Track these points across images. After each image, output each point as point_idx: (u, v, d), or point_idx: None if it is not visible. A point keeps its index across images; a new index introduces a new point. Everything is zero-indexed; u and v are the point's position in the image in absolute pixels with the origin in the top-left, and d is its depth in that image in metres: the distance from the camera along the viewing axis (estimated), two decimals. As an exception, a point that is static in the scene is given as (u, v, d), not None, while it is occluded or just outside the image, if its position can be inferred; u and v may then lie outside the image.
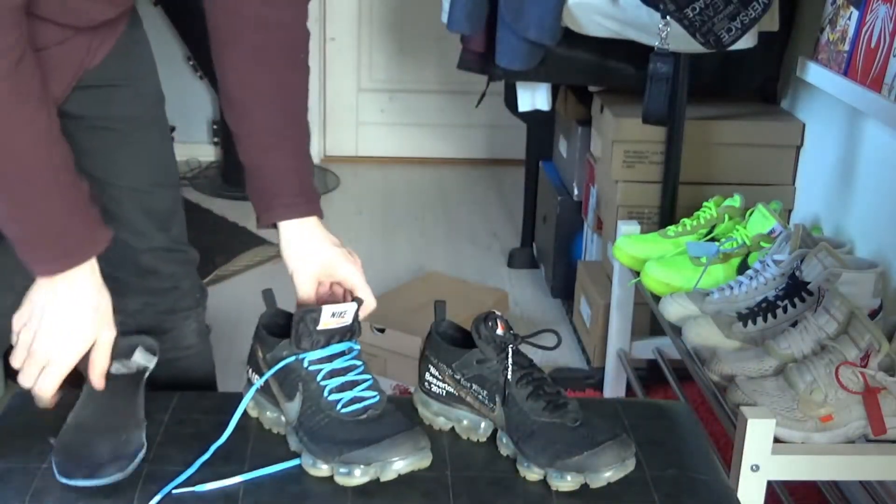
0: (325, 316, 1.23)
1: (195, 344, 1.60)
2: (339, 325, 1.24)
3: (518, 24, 2.25)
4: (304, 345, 1.24)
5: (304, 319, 1.23)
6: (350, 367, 1.24)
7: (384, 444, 1.17)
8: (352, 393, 1.22)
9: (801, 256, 1.75)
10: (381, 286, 3.02)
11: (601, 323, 2.44)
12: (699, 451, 1.31)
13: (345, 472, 1.16)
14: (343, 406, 1.21)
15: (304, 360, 1.23)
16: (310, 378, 1.22)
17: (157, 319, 1.54)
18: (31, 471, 1.19)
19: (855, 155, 2.15)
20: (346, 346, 1.26)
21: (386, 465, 1.16)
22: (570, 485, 1.18)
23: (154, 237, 1.49)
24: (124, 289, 1.52)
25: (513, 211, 3.69)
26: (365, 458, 1.16)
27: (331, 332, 1.24)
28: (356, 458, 1.16)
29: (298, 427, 1.22)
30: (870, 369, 1.47)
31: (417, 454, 1.18)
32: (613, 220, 2.43)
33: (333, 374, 1.23)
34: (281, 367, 1.25)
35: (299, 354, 1.24)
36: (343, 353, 1.25)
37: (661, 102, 2.07)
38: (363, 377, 1.24)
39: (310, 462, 1.19)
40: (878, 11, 1.96)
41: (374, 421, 1.20)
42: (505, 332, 1.26)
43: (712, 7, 1.94)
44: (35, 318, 1.21)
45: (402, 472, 1.17)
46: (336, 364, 1.24)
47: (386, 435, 1.18)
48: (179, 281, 1.54)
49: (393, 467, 1.16)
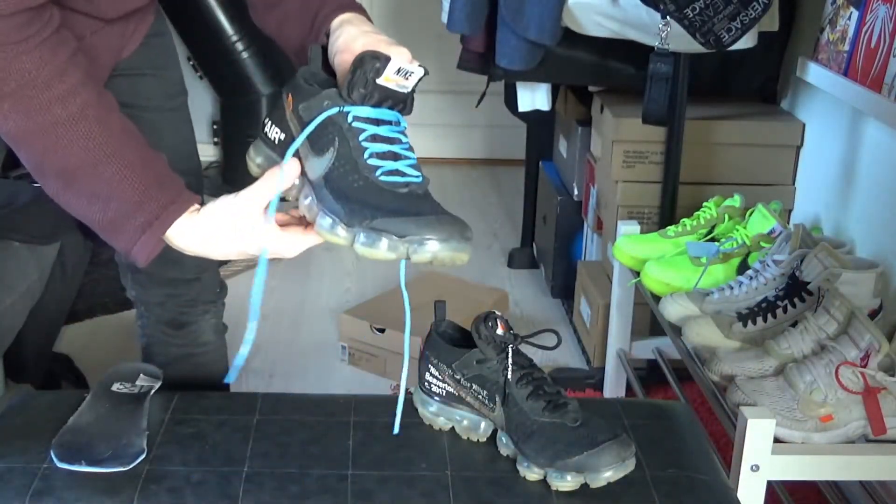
0: (390, 69, 1.03)
1: (212, 341, 1.62)
2: (399, 87, 1.06)
3: (518, 24, 2.25)
4: (355, 96, 1.04)
5: (365, 66, 1.03)
6: (396, 139, 1.07)
7: (424, 219, 1.01)
8: (395, 164, 1.05)
9: (801, 256, 1.75)
10: (381, 286, 3.02)
11: (601, 323, 2.44)
12: (699, 451, 1.31)
13: (367, 241, 1.01)
14: (384, 174, 1.04)
15: (350, 114, 1.05)
16: (351, 135, 1.05)
17: (177, 312, 1.57)
18: (31, 471, 1.19)
19: (855, 155, 2.15)
20: (395, 116, 1.08)
21: (421, 244, 1.00)
22: (569, 485, 1.18)
23: None
24: (147, 280, 1.55)
25: (513, 211, 3.69)
26: (399, 228, 1.00)
27: (388, 92, 1.05)
28: (389, 226, 1.00)
29: (323, 183, 1.05)
30: (870, 369, 1.47)
31: (459, 241, 1.02)
32: (613, 220, 2.43)
33: (377, 140, 1.06)
34: (320, 122, 1.05)
35: (345, 106, 1.05)
36: (390, 122, 1.07)
37: (661, 102, 2.07)
38: (408, 154, 1.08)
39: (327, 225, 1.03)
40: (878, 11, 1.96)
41: (416, 197, 1.04)
42: (505, 332, 1.26)
43: (712, 7, 1.94)
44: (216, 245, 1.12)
45: (438, 255, 1.01)
46: (383, 130, 1.06)
47: (426, 212, 1.02)
48: (201, 273, 1.56)
49: (427, 247, 1.00)
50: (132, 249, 1.11)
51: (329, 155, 1.05)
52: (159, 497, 1.16)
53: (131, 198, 1.09)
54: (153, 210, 1.09)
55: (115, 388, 1.32)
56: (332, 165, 1.05)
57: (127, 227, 1.10)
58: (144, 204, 1.09)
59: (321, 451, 1.26)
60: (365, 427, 1.31)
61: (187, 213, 1.11)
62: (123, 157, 1.09)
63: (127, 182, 1.09)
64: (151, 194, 1.09)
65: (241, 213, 1.09)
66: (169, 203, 1.10)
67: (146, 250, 1.11)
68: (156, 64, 1.45)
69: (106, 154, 1.08)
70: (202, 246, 1.12)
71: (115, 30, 1.33)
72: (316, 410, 1.35)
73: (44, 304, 2.06)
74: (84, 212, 1.11)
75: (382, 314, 2.60)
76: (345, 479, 1.20)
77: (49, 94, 1.05)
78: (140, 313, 1.61)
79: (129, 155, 1.10)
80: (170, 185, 1.12)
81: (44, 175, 1.11)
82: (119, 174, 1.08)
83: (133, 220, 1.09)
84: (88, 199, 1.10)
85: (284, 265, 3.22)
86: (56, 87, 1.05)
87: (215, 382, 1.64)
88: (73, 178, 1.09)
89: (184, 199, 1.12)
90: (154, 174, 1.11)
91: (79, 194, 1.10)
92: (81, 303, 2.70)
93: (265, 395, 1.41)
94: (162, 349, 1.60)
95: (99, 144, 1.08)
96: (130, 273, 1.56)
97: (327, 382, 2.55)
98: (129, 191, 1.09)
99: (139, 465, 1.19)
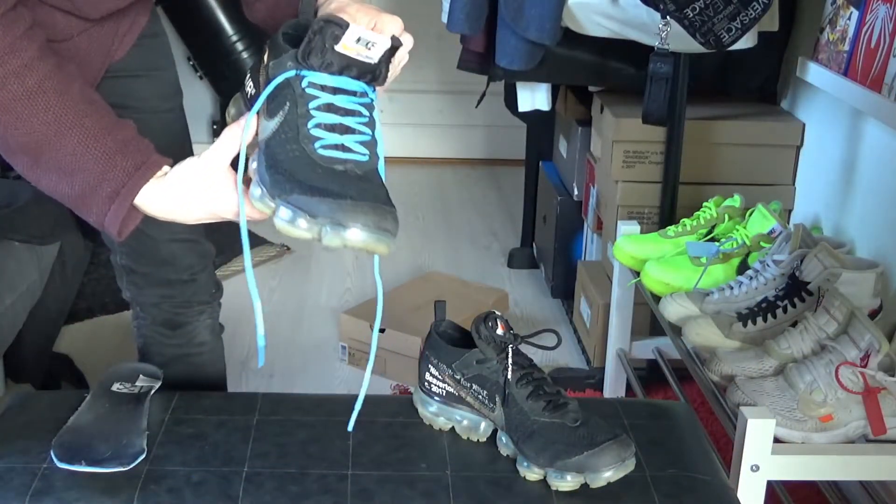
0: (349, 36, 0.99)
1: (208, 341, 1.62)
2: (361, 57, 1.01)
3: (518, 25, 2.25)
4: (313, 61, 1.01)
5: (323, 31, 0.99)
6: (355, 111, 1.03)
7: (341, 202, 0.97)
8: (341, 138, 1.01)
9: (801, 256, 1.75)
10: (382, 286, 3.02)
11: (601, 323, 2.44)
12: (699, 451, 1.31)
13: (285, 217, 0.98)
14: (323, 147, 1.01)
15: (305, 78, 1.02)
16: (302, 101, 1.02)
17: (173, 313, 1.57)
18: (31, 471, 1.19)
19: (855, 155, 2.15)
20: (359, 86, 1.04)
21: (333, 228, 0.96)
22: (569, 485, 1.18)
23: (174, 226, 1.50)
24: (142, 281, 1.55)
25: (513, 211, 3.69)
26: (312, 208, 0.96)
27: (349, 60, 1.01)
28: (302, 204, 0.96)
29: (264, 148, 1.03)
30: (870, 369, 1.47)
31: (374, 231, 0.97)
32: (613, 220, 2.43)
33: (331, 109, 1.02)
34: (278, 83, 1.03)
35: (302, 70, 1.02)
36: (354, 93, 1.03)
37: (661, 102, 2.07)
38: (363, 130, 1.03)
39: (257, 195, 1.01)
40: (878, 11, 1.96)
41: (349, 177, 1.00)
42: (505, 332, 1.26)
43: (712, 7, 1.94)
44: (189, 210, 1.10)
45: (350, 242, 0.97)
46: (339, 100, 1.02)
47: (352, 196, 0.97)
48: (197, 274, 1.56)
49: (340, 233, 0.96)
50: (104, 222, 1.09)
51: (277, 119, 1.02)
52: (159, 497, 1.16)
53: (95, 168, 1.07)
54: (118, 178, 1.07)
55: (115, 388, 1.32)
56: (277, 130, 1.02)
57: (95, 200, 1.08)
58: (108, 173, 1.07)
59: (321, 451, 1.26)
60: (365, 427, 1.31)
61: (155, 178, 1.09)
62: (84, 128, 1.08)
63: (90, 153, 1.07)
64: (115, 162, 1.07)
65: (207, 170, 1.07)
66: (133, 170, 1.08)
67: (117, 221, 1.09)
68: (150, 65, 1.44)
69: (66, 126, 1.07)
70: (174, 211, 1.10)
71: (104, 30, 1.32)
72: (316, 410, 1.35)
73: (44, 304, 2.06)
74: (54, 187, 1.10)
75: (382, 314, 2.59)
76: (345, 479, 1.20)
77: (3, 69, 1.04)
78: (136, 314, 1.61)
79: (90, 125, 1.08)
80: (134, 150, 1.09)
81: (12, 152, 1.10)
82: (81, 144, 1.07)
83: (99, 190, 1.08)
84: (56, 174, 1.09)
85: (284, 265, 3.22)
86: (10, 63, 1.05)
87: (213, 382, 1.64)
88: (38, 153, 1.08)
89: (150, 163, 1.09)
90: (117, 141, 1.09)
91: (46, 169, 1.09)
92: (81, 303, 2.70)
93: (265, 395, 1.41)
94: (158, 350, 1.60)
95: (58, 117, 1.07)
96: (126, 274, 1.56)
97: (327, 382, 2.55)
98: (92, 161, 1.07)
99: (139, 465, 1.19)
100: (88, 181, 1.08)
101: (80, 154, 1.07)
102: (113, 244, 1.54)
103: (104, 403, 1.29)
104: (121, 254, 1.54)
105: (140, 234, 1.49)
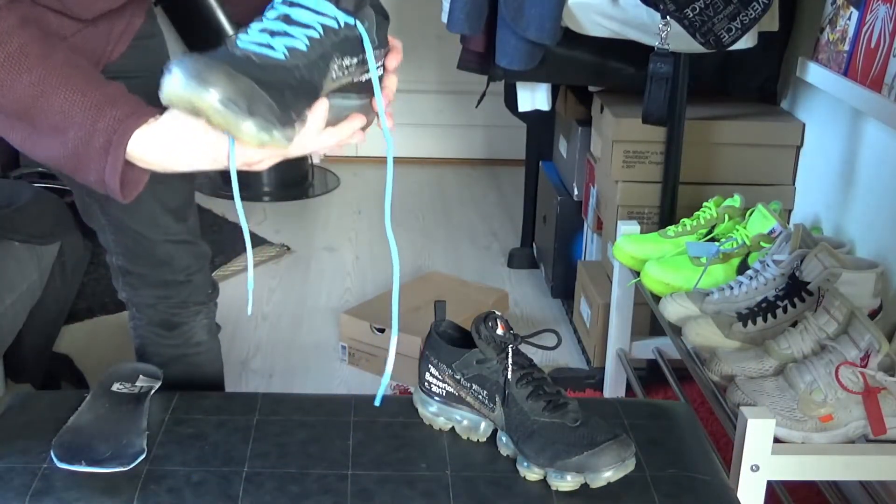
0: None
1: (205, 341, 1.62)
2: None
3: (518, 25, 2.25)
4: None
5: None
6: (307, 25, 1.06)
7: (219, 67, 1.00)
8: (270, 39, 1.05)
9: (801, 256, 1.75)
10: (382, 286, 3.03)
11: (601, 323, 2.44)
12: (699, 451, 1.31)
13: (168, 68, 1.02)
14: (249, 42, 1.05)
15: None
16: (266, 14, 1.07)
17: (169, 314, 1.57)
18: (31, 471, 1.19)
19: (855, 155, 2.15)
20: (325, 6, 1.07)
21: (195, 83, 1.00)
22: (569, 485, 1.18)
23: (170, 227, 1.51)
24: (139, 282, 1.55)
25: (513, 211, 3.69)
26: (192, 65, 1.00)
27: None
28: (189, 61, 1.00)
29: None
30: (870, 369, 1.47)
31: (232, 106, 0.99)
32: (613, 220, 2.43)
33: (283, 20, 1.06)
34: None
35: None
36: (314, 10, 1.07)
37: (661, 102, 2.07)
38: (301, 37, 1.05)
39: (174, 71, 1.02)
40: (878, 11, 1.96)
41: (250, 62, 1.02)
42: (505, 332, 1.26)
43: (712, 7, 1.94)
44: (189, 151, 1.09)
45: (205, 103, 0.99)
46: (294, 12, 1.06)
47: (236, 69, 1.00)
48: (193, 275, 1.56)
49: (204, 93, 0.99)
50: (105, 179, 1.08)
51: None
52: (159, 497, 1.16)
53: (84, 121, 1.06)
54: (109, 126, 1.06)
55: (115, 388, 1.32)
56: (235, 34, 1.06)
57: (90, 154, 1.07)
58: (98, 123, 1.06)
59: (321, 451, 1.26)
60: (365, 427, 1.31)
61: (146, 124, 1.07)
62: (71, 86, 1.07)
63: (78, 107, 1.06)
64: (104, 112, 1.06)
65: None
66: (124, 117, 1.07)
67: (116, 176, 1.07)
68: (146, 67, 1.41)
69: (52, 86, 1.06)
70: (168, 156, 1.08)
71: (98, 31, 1.32)
72: (316, 410, 1.35)
73: (44, 304, 2.06)
74: (51, 153, 1.09)
75: (382, 314, 2.60)
76: (345, 479, 1.20)
77: None
78: (132, 315, 1.61)
79: (77, 83, 1.07)
80: (123, 102, 1.08)
81: (9, 126, 1.10)
82: (68, 101, 1.06)
83: (93, 142, 1.06)
84: (50, 138, 1.08)
85: (284, 265, 3.22)
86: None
87: (210, 382, 1.64)
88: (30, 118, 1.07)
89: (140, 111, 1.08)
90: (106, 95, 1.08)
91: (42, 134, 1.08)
92: (81, 303, 2.70)
93: (265, 395, 1.41)
94: (155, 350, 1.60)
95: (43, 77, 1.06)
96: (122, 275, 1.56)
97: (327, 382, 2.55)
98: (81, 114, 1.06)
99: (139, 465, 1.19)
100: (80, 136, 1.06)
101: (69, 110, 1.06)
102: (109, 245, 1.54)
103: (104, 403, 1.29)
104: (116, 255, 1.54)
105: (136, 235, 1.49)
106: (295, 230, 3.54)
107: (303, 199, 3.92)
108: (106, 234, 1.52)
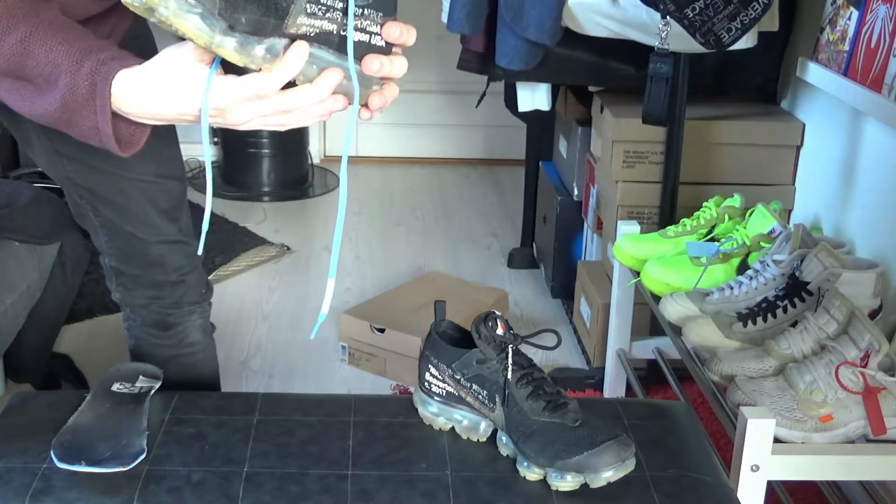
0: None
1: (199, 341, 1.62)
2: None
3: (518, 24, 2.25)
4: None
5: None
6: None
7: None
8: None
9: (801, 256, 1.75)
10: (382, 286, 3.02)
11: (601, 323, 2.44)
12: (699, 451, 1.31)
13: None
14: None
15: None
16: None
17: (163, 314, 1.56)
18: (31, 471, 1.19)
19: (855, 155, 2.15)
20: None
21: None
22: (569, 485, 1.18)
23: (162, 228, 1.50)
24: (132, 283, 1.55)
25: (513, 211, 3.69)
26: None
27: None
28: None
29: None
30: (870, 369, 1.47)
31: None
32: (613, 220, 2.43)
33: None
34: None
35: None
36: None
37: (661, 102, 2.07)
38: None
39: None
40: (878, 11, 1.96)
41: None
42: (505, 332, 1.26)
43: (712, 7, 1.94)
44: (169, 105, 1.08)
45: None
46: None
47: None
48: (186, 275, 1.56)
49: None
50: (98, 125, 1.07)
51: None
52: (159, 497, 1.16)
53: (70, 66, 1.06)
54: (93, 68, 1.06)
55: (115, 388, 1.32)
56: None
57: (78, 101, 1.07)
58: (83, 67, 1.06)
59: (321, 451, 1.26)
60: (365, 427, 1.31)
61: (129, 68, 1.07)
62: (58, 37, 1.07)
63: (63, 55, 1.06)
64: (90, 56, 1.07)
65: (183, 52, 1.05)
66: (108, 59, 1.06)
67: (107, 119, 1.06)
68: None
69: (38, 40, 1.07)
70: (152, 101, 1.07)
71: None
72: (316, 410, 1.35)
73: (44, 304, 2.06)
74: (46, 107, 1.09)
75: (382, 314, 2.60)
76: (345, 479, 1.20)
77: None
78: (126, 315, 1.61)
79: (64, 35, 1.08)
80: (108, 47, 1.08)
81: (6, 88, 1.10)
82: (55, 50, 1.07)
83: (79, 89, 1.06)
84: (43, 92, 1.08)
85: (284, 265, 3.22)
86: None
87: (205, 382, 1.64)
88: (23, 74, 1.08)
89: (125, 56, 1.08)
90: (90, 42, 1.08)
91: (36, 90, 1.09)
92: (81, 303, 2.70)
93: (265, 395, 1.41)
94: (150, 351, 1.60)
95: (28, 34, 1.07)
96: (115, 276, 1.56)
97: (327, 382, 2.55)
98: (67, 60, 1.06)
99: (139, 465, 1.19)
100: (67, 83, 1.06)
101: (56, 59, 1.07)
102: (102, 246, 1.54)
103: (104, 403, 1.29)
104: (109, 256, 1.54)
105: (128, 236, 1.49)
106: (295, 230, 3.54)
107: (303, 199, 3.92)
108: (98, 235, 1.52)
